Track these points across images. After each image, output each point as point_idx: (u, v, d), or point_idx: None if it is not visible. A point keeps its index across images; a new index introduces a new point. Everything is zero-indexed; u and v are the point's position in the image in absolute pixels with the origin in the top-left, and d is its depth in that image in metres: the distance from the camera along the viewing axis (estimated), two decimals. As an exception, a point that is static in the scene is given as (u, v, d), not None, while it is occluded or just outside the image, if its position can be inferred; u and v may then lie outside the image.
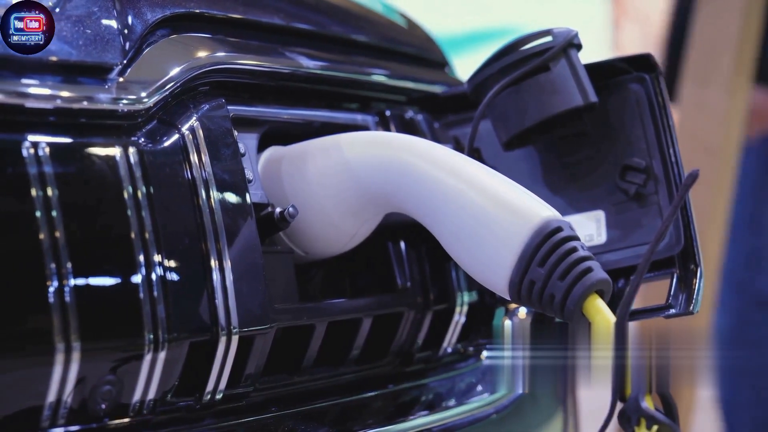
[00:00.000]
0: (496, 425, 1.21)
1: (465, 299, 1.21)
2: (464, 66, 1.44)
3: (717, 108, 2.42)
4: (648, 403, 0.93)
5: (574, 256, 0.96)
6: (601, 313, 0.95)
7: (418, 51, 1.37)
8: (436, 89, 1.30)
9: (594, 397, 1.06)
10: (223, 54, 1.05)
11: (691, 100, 2.47)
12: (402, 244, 1.18)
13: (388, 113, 1.22)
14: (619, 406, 0.95)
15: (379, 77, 1.25)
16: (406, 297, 1.17)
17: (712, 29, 2.44)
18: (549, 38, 1.14)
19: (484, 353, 1.28)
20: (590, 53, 1.21)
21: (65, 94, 0.90)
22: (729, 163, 2.48)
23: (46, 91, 0.89)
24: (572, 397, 1.38)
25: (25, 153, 0.85)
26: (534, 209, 0.98)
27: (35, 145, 0.86)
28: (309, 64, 1.15)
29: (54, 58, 0.91)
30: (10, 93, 0.86)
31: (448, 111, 1.28)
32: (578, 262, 0.96)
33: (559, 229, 0.97)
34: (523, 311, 1.28)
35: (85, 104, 0.91)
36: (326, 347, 1.10)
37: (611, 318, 0.94)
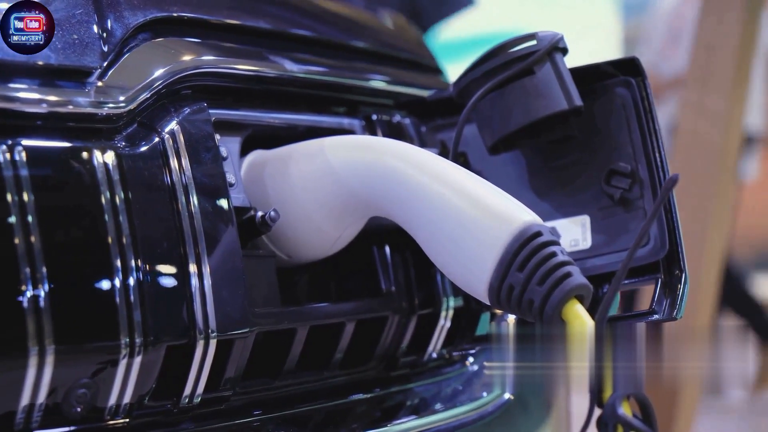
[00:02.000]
0: (481, 430, 1.20)
1: (450, 304, 1.21)
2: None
3: (717, 110, 2.41)
4: (625, 409, 0.93)
5: (553, 261, 0.96)
6: (579, 318, 0.94)
7: (407, 55, 1.37)
8: (424, 93, 1.29)
9: (580, 402, 1.05)
10: (205, 58, 1.05)
11: (692, 102, 2.46)
12: (386, 249, 1.18)
13: (374, 117, 1.22)
14: (598, 411, 0.95)
15: (365, 81, 1.25)
16: (390, 301, 1.16)
17: (713, 32, 2.44)
18: (534, 42, 1.14)
19: (470, 358, 1.27)
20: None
21: (43, 97, 0.90)
22: (729, 165, 2.47)
23: (24, 95, 0.89)
24: (560, 401, 1.37)
25: (0, 156, 0.85)
26: (514, 213, 0.98)
27: (11, 148, 0.86)
28: (293, 68, 1.15)
29: (34, 62, 0.91)
30: (-12, 96, 0.86)
31: (435, 115, 1.27)
32: (557, 267, 0.95)
33: (538, 234, 0.97)
34: (511, 316, 1.28)
35: (63, 108, 0.91)
36: (310, 351, 1.10)
37: (589, 323, 0.94)
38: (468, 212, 0.99)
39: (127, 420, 0.93)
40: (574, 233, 1.16)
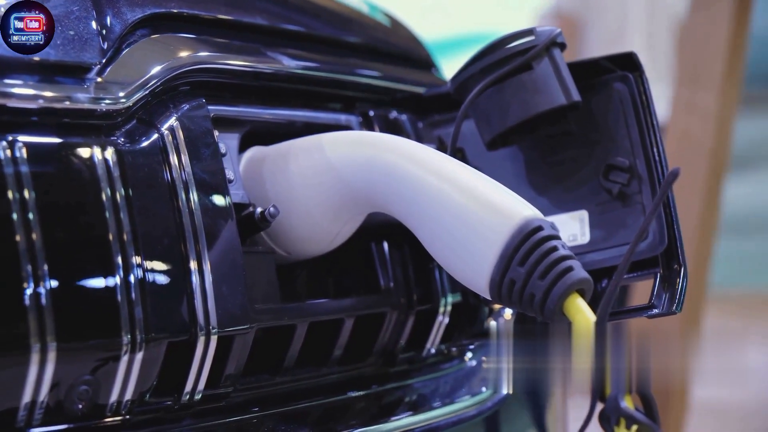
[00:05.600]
0: (479, 426, 1.20)
1: (448, 300, 1.21)
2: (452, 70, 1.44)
3: (708, 109, 2.41)
4: (627, 403, 0.93)
5: (554, 255, 0.95)
6: (581, 312, 0.94)
7: (402, 51, 1.37)
8: (421, 90, 1.29)
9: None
10: (203, 54, 1.05)
11: (683, 101, 2.46)
12: (385, 245, 1.18)
13: (371, 113, 1.22)
14: (600, 406, 0.95)
15: (362, 77, 1.25)
16: (389, 297, 1.16)
17: (703, 30, 2.44)
18: (532, 37, 1.14)
19: (468, 354, 1.27)
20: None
21: (43, 93, 0.89)
22: (721, 164, 2.48)
23: (24, 91, 0.88)
24: (558, 396, 1.37)
25: (0, 153, 0.84)
26: (515, 208, 0.98)
27: (11, 144, 0.85)
28: (291, 64, 1.15)
29: (34, 58, 0.90)
30: (-13, 92, 0.86)
31: (432, 111, 1.27)
32: (558, 261, 0.95)
33: (539, 228, 0.97)
34: (508, 312, 1.28)
35: (62, 104, 0.90)
36: (309, 348, 1.10)
37: (591, 318, 0.94)
38: (468, 207, 0.99)
39: (128, 417, 0.92)
40: (572, 228, 1.17)
